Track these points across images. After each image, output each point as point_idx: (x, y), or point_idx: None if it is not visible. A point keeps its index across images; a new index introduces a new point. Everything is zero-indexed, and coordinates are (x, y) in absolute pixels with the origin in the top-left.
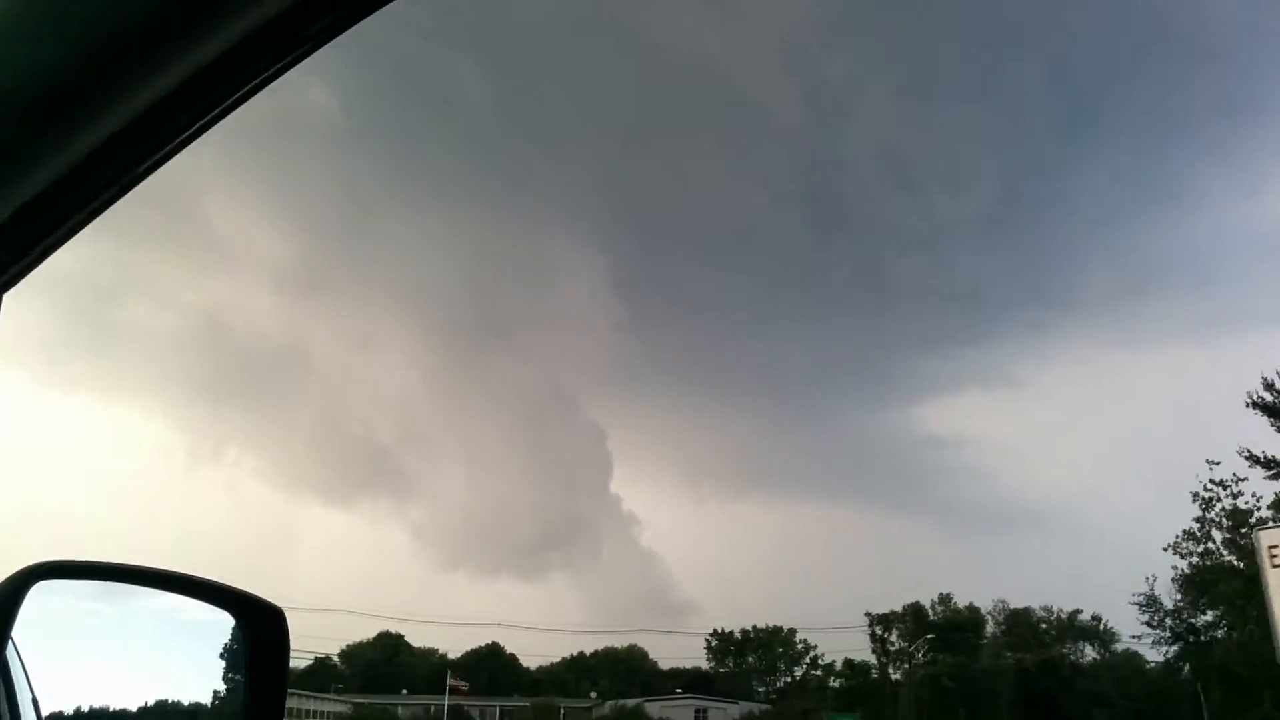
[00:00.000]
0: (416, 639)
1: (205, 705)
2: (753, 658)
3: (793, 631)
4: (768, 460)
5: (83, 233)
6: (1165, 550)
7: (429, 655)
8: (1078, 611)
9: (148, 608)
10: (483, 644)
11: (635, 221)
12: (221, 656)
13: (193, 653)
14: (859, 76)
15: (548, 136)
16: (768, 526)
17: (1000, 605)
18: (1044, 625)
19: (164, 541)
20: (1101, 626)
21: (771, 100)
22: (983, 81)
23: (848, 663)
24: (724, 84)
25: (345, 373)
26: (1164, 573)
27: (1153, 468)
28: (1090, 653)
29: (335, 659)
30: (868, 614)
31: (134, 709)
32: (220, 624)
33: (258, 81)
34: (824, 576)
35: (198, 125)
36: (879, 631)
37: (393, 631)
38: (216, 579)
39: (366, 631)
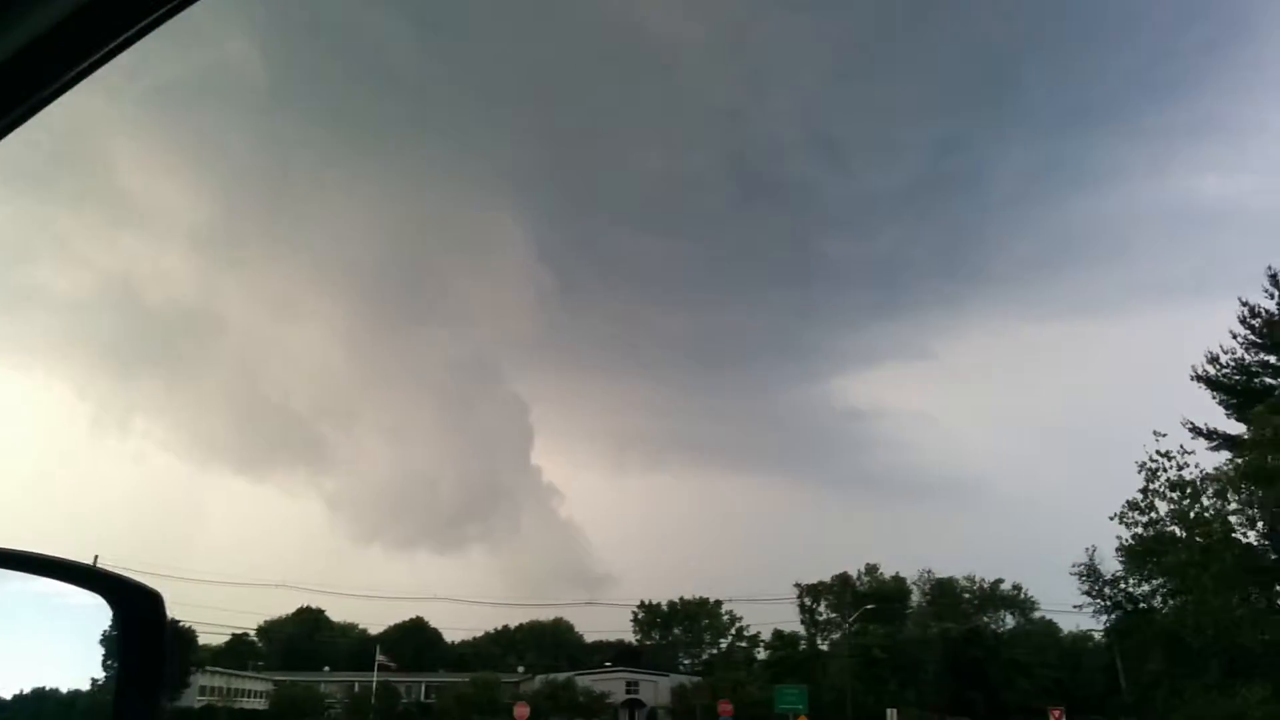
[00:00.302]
0: (336, 614)
1: (83, 692)
2: (679, 630)
3: (719, 603)
4: (688, 432)
5: None
6: (1111, 519)
7: (349, 630)
8: (999, 581)
9: (24, 591)
10: (406, 618)
11: (563, 191)
12: (100, 642)
13: (70, 638)
14: (784, 52)
15: (477, 103)
16: (689, 499)
17: (925, 575)
18: (967, 595)
19: (67, 514)
20: (1021, 595)
21: (699, 73)
22: (901, 59)
23: (776, 633)
24: (655, 57)
25: (261, 340)
26: (1080, 541)
27: (1065, 438)
28: (1010, 621)
29: (253, 635)
30: (796, 585)
31: (8, 697)
32: (98, 608)
33: (134, 31)
34: (747, 549)
35: (67, 76)
36: (807, 602)
37: (312, 606)
38: (86, 561)
39: (285, 607)
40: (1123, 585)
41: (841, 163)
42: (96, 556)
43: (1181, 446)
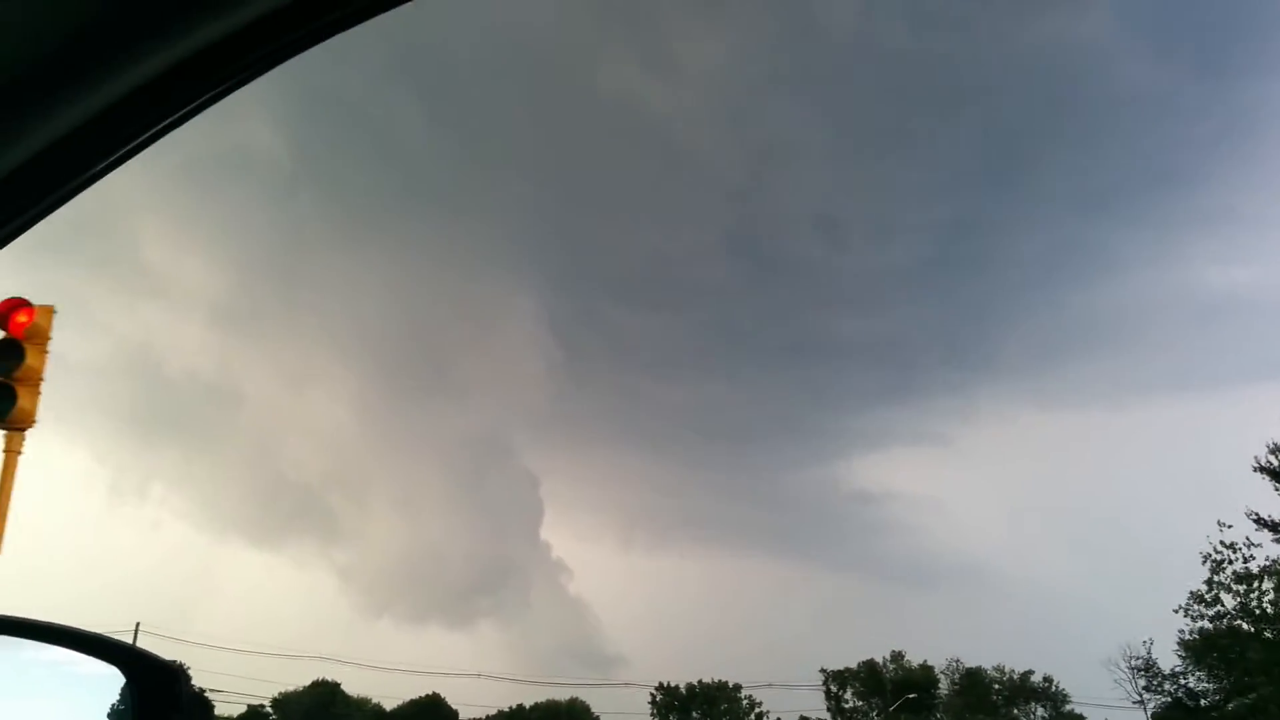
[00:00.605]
0: (351, 687)
1: None
2: (697, 714)
3: (738, 687)
4: (695, 509)
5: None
6: (1175, 612)
7: (363, 705)
8: (1029, 672)
9: (40, 659)
10: (423, 694)
11: (569, 265)
12: (115, 713)
13: (88, 707)
14: (793, 132)
15: (485, 179)
16: (696, 578)
17: (954, 663)
18: (996, 685)
19: (84, 580)
20: (1053, 687)
21: (708, 153)
22: (911, 141)
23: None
24: (662, 136)
25: (276, 412)
26: (1099, 631)
27: (1077, 526)
28: (1041, 714)
29: (268, 707)
30: (822, 670)
31: None
32: (115, 679)
33: (191, 107)
34: (756, 630)
35: (104, 164)
36: (834, 689)
37: (328, 679)
38: (106, 633)
39: (298, 678)
40: (1182, 681)
41: (849, 242)
42: (138, 624)
43: (1248, 538)
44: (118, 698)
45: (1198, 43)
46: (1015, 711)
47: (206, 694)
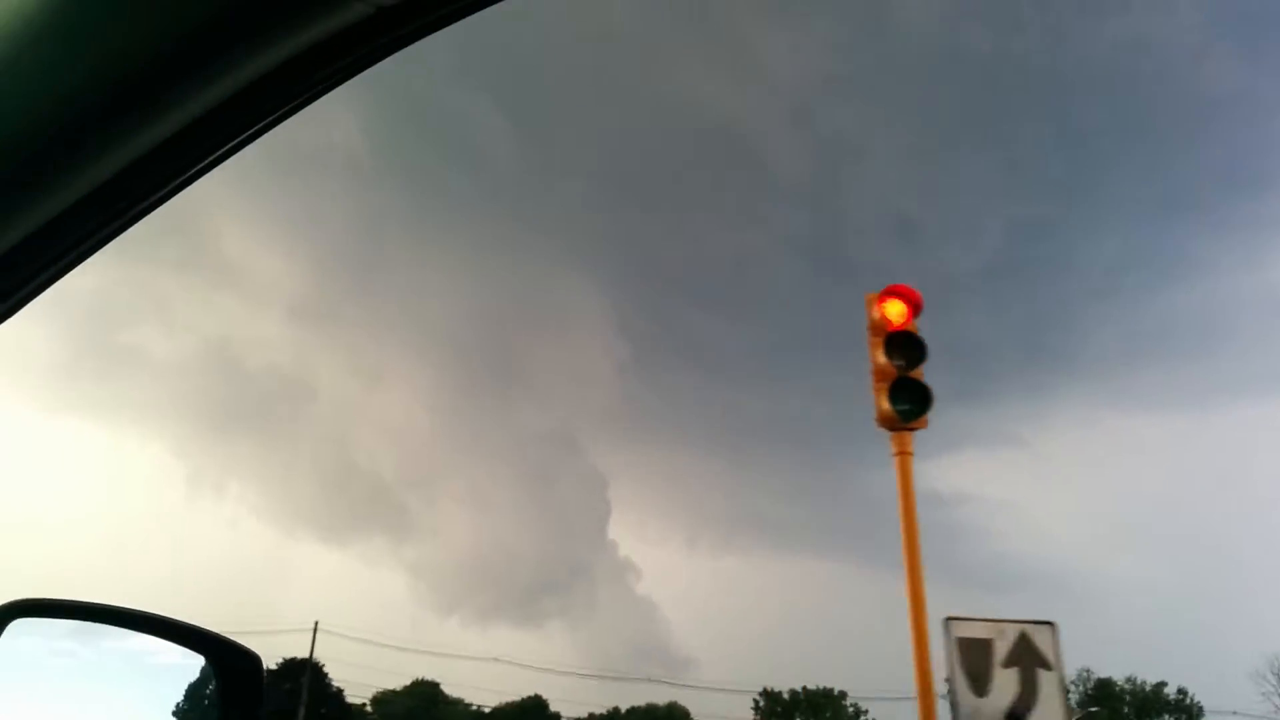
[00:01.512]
0: (450, 687)
1: None
2: None
3: (843, 694)
4: (763, 512)
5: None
6: None
7: (454, 705)
8: (1163, 684)
9: (120, 649)
10: (522, 696)
11: (640, 269)
12: (194, 700)
13: (165, 696)
14: (869, 134)
15: (562, 184)
16: (764, 581)
17: (1085, 673)
18: (1128, 696)
19: (162, 571)
20: (1187, 699)
21: (779, 154)
22: (992, 142)
23: None
24: (737, 138)
25: (350, 407)
26: (1204, 642)
27: (1162, 531)
28: None
29: (368, 707)
30: (948, 680)
31: None
32: (194, 668)
33: (256, 129)
34: (825, 634)
35: (194, 170)
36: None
37: (427, 678)
38: (192, 621)
39: (380, 678)
40: None
41: (925, 244)
42: (317, 623)
43: None
44: (200, 685)
45: None
46: None
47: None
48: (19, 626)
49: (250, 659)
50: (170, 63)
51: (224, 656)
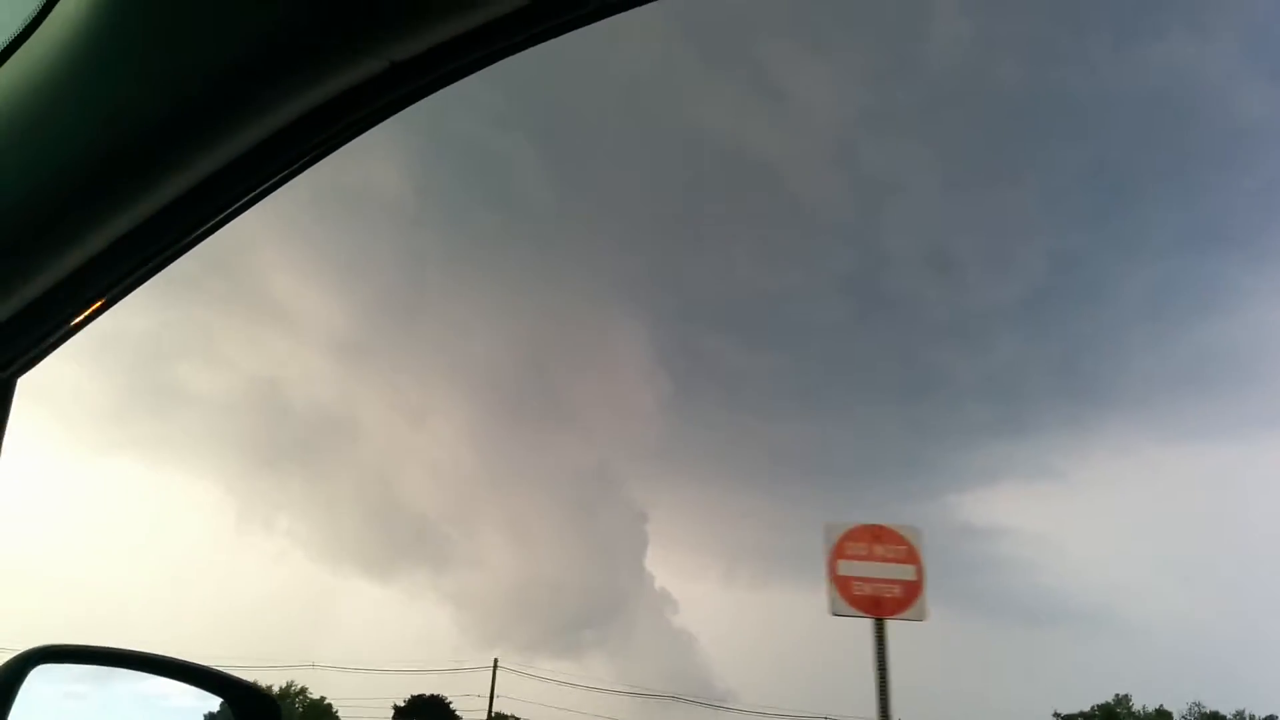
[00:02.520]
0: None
1: None
2: None
3: None
4: (801, 547)
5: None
6: None
7: None
8: (1272, 716)
9: (133, 691)
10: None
11: (676, 303)
12: None
13: None
14: (901, 166)
15: (601, 222)
16: (802, 615)
17: (1195, 708)
18: None
19: (209, 610)
20: None
21: (814, 190)
22: (1024, 174)
23: None
24: (766, 172)
25: (394, 444)
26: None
27: (1209, 568)
28: None
29: None
30: (1056, 714)
31: None
32: (212, 711)
33: (272, 183)
34: (862, 669)
35: (214, 221)
36: None
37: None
38: (212, 666)
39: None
40: None
41: (959, 278)
42: (496, 660)
43: None
44: None
45: None
46: None
47: None
48: (40, 673)
49: (269, 702)
50: (184, 120)
51: (243, 700)
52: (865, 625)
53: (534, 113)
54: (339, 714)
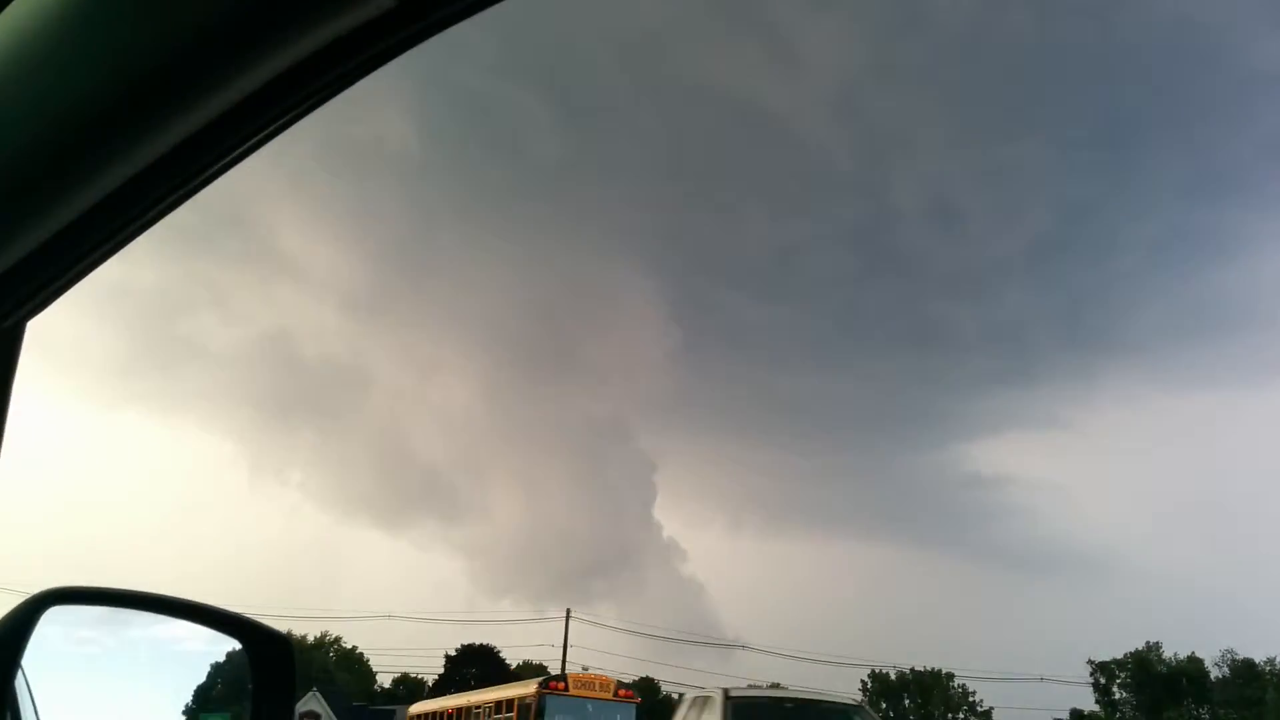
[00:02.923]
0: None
1: None
2: (909, 702)
3: (951, 676)
4: (807, 495)
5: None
6: None
7: None
8: None
9: (145, 636)
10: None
11: (685, 256)
12: (224, 684)
13: (197, 681)
14: (908, 119)
15: (612, 174)
16: (811, 564)
17: (1226, 655)
18: (1268, 677)
19: (223, 561)
20: None
21: (822, 144)
22: (1031, 124)
23: (1075, 714)
24: (781, 127)
25: (405, 395)
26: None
27: (1215, 510)
28: None
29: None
30: (1090, 661)
31: None
32: (225, 653)
33: (278, 125)
34: (872, 615)
35: (217, 166)
36: (1102, 681)
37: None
38: (224, 607)
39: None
40: None
41: (967, 229)
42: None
43: None
44: (225, 669)
45: None
46: None
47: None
48: (53, 615)
49: (281, 643)
50: (188, 62)
51: (256, 641)
52: (870, 572)
53: (534, 65)
54: (370, 662)
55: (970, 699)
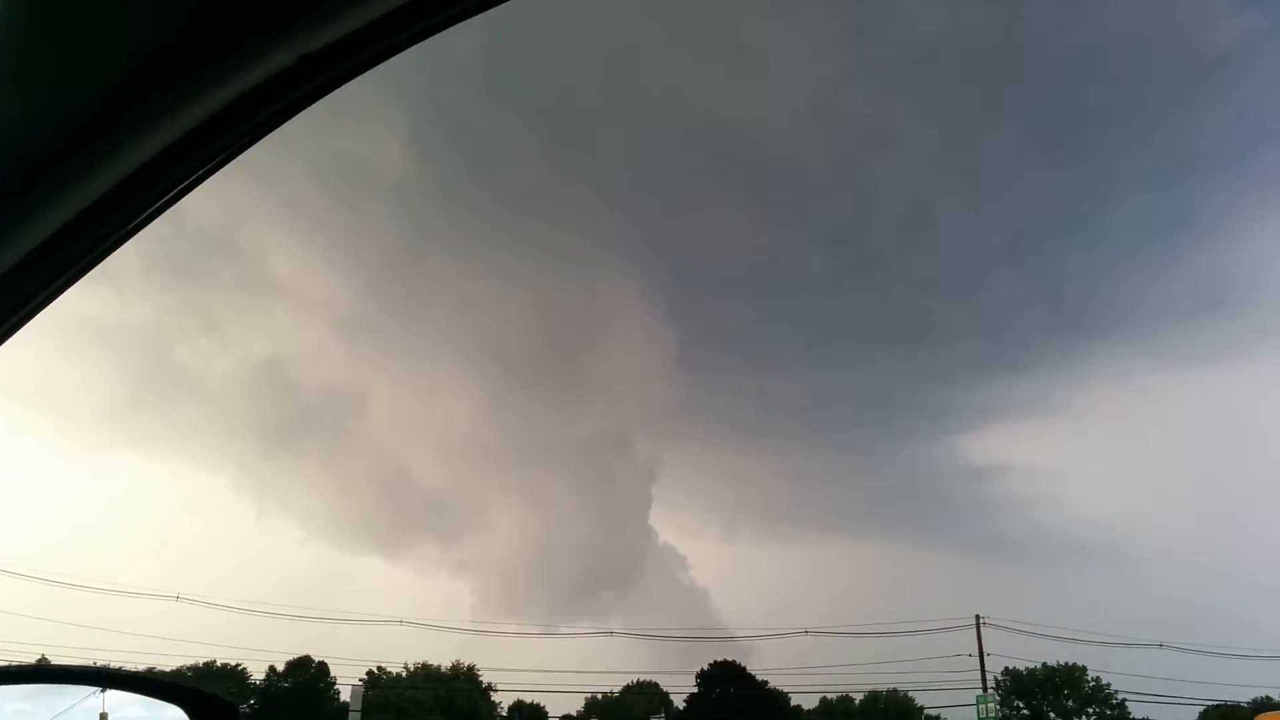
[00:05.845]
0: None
1: None
2: (1039, 701)
3: (1084, 669)
4: (807, 498)
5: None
6: None
7: None
8: None
9: (89, 707)
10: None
11: (684, 268)
12: None
13: None
14: (884, 114)
15: (600, 188)
16: (814, 565)
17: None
18: None
19: (228, 588)
20: None
21: (800, 149)
22: (1004, 119)
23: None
24: (759, 136)
25: (406, 418)
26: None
27: (1211, 489)
28: None
29: None
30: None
31: None
32: None
33: (188, 182)
34: (880, 612)
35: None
36: None
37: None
38: (165, 676)
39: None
40: None
41: (948, 224)
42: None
43: None
44: None
45: None
46: None
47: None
48: None
49: (226, 707)
50: (101, 117)
51: (198, 705)
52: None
53: (516, 84)
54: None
55: (1105, 692)
